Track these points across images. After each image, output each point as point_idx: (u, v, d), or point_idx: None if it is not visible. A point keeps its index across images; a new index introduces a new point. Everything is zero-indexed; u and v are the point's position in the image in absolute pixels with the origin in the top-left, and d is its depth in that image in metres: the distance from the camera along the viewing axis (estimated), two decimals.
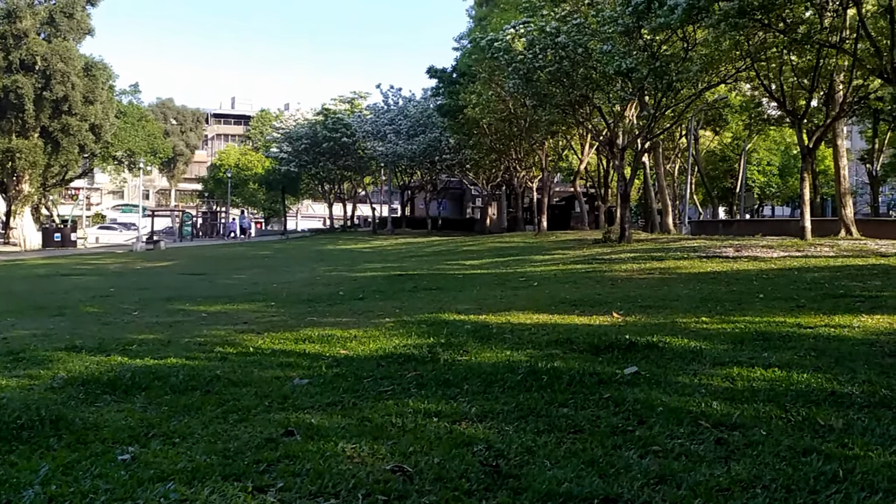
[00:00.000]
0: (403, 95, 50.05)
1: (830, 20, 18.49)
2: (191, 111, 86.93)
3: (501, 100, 32.46)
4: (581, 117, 26.41)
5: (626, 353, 5.95)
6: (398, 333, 7.52)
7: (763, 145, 46.53)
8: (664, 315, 8.50)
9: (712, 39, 19.13)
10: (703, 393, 4.57)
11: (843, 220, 21.74)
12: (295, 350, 6.81)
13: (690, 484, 3.08)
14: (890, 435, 3.59)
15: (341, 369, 5.74)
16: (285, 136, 53.35)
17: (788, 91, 22.48)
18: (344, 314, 10.13)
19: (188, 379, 5.41)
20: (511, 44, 23.32)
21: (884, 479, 3.03)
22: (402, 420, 4.17)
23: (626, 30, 20.37)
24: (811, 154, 22.71)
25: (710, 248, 18.54)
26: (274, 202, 66.68)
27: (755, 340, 6.42)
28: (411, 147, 44.12)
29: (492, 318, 8.57)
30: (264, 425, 4.16)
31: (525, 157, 40.11)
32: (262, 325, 9.08)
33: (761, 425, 3.84)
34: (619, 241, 23.05)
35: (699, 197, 47.04)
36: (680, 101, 24.15)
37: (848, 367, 5.17)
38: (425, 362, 5.92)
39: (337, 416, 4.35)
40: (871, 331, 6.74)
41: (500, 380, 5.11)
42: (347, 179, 56.42)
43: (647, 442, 3.65)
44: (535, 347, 6.45)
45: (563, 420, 4.10)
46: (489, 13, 36.17)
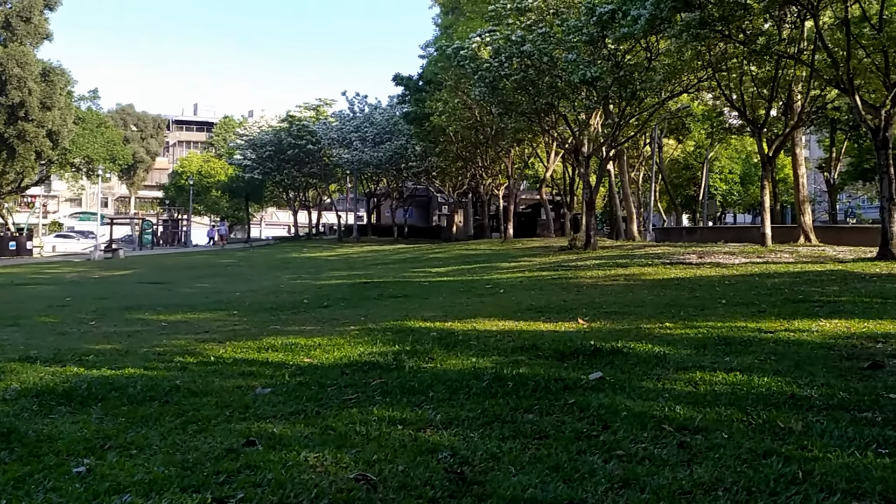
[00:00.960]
0: (369, 103, 49.97)
1: (789, 32, 18.93)
2: (151, 117, 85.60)
3: (468, 107, 32.57)
4: (547, 125, 26.62)
5: (591, 359, 5.97)
6: (363, 341, 7.46)
7: (725, 154, 47.40)
8: (629, 321, 8.56)
9: (675, 50, 19.43)
10: (666, 397, 4.60)
11: (802, 226, 22.23)
12: (257, 359, 6.70)
13: (654, 487, 3.09)
14: (848, 436, 3.65)
15: (305, 378, 5.66)
16: (249, 143, 52.86)
17: (749, 101, 22.93)
18: (308, 322, 10.02)
19: (146, 389, 5.28)
20: (477, 52, 23.45)
21: (842, 480, 3.07)
22: (367, 428, 4.13)
23: (590, 39, 20.60)
24: (771, 162, 23.19)
25: (673, 254, 18.80)
26: (237, 210, 66.01)
27: (717, 345, 6.49)
28: (377, 154, 44.00)
29: (458, 326, 8.55)
30: (225, 435, 4.08)
31: (491, 164, 40.28)
32: (224, 333, 8.93)
33: (723, 428, 3.88)
34: (584, 248, 23.24)
35: (663, 204, 47.72)
36: (644, 109, 24.48)
37: (807, 371, 5.25)
38: (390, 370, 5.87)
39: (300, 424, 4.29)
40: (830, 335, 6.86)
41: (466, 386, 5.08)
42: (312, 187, 56.10)
43: (611, 447, 3.66)
44: (500, 354, 6.44)
45: (529, 426, 4.09)
46: (455, 21, 36.30)
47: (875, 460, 3.29)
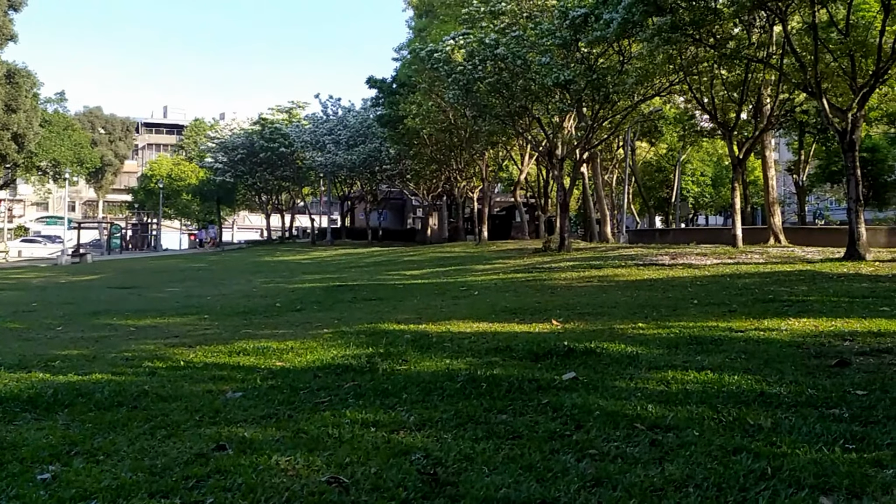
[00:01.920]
0: (343, 105, 49.72)
1: (758, 36, 19.22)
2: (120, 120, 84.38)
3: (442, 110, 32.60)
4: (521, 128, 26.74)
5: (565, 360, 5.99)
6: (336, 344, 7.41)
7: (696, 156, 47.93)
8: (602, 321, 8.61)
9: (647, 53, 19.63)
10: (639, 396, 4.63)
11: (772, 228, 22.55)
12: (228, 363, 6.63)
13: (626, 485, 3.10)
14: (815, 433, 3.69)
15: (277, 381, 5.61)
16: (221, 146, 52.34)
17: (719, 104, 23.23)
18: (281, 326, 9.94)
19: (114, 395, 5.21)
20: (451, 55, 23.50)
21: (810, 476, 3.11)
22: (339, 431, 4.10)
23: (563, 43, 20.74)
24: (741, 165, 23.51)
25: (646, 256, 18.97)
26: (208, 213, 65.25)
27: (689, 344, 6.55)
28: (351, 157, 43.83)
29: (432, 328, 8.53)
30: (194, 440, 4.03)
31: (465, 167, 40.35)
32: (195, 338, 8.83)
33: (694, 426, 3.91)
34: (558, 250, 23.37)
35: (636, 206, 48.15)
36: (617, 112, 24.70)
37: (776, 369, 5.31)
38: (364, 372, 5.84)
39: (271, 428, 4.24)
40: (798, 333, 6.96)
41: (440, 388, 5.07)
42: (285, 190, 55.72)
43: (584, 446, 3.67)
44: (474, 355, 6.44)
45: (502, 426, 4.09)
46: (429, 24, 36.36)
47: (842, 455, 3.34)
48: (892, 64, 16.02)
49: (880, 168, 37.78)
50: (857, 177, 15.90)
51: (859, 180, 16.01)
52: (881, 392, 4.47)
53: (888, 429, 3.72)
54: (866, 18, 18.19)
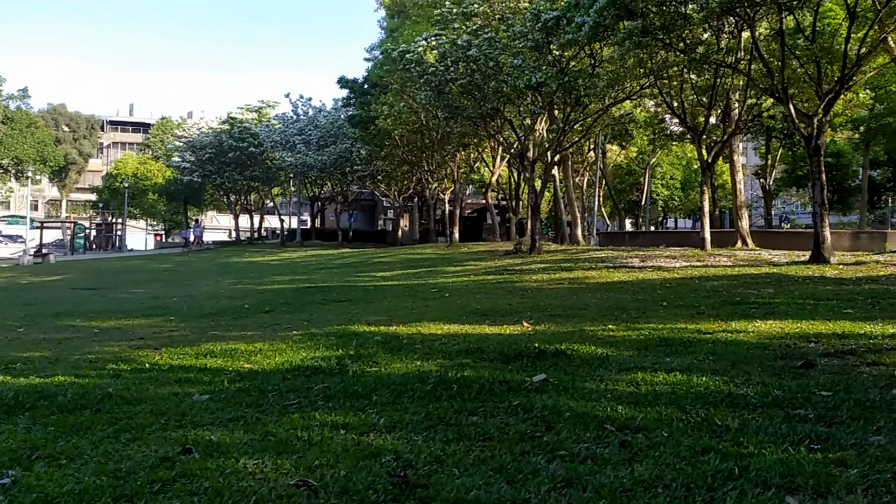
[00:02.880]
0: (313, 105, 49.49)
1: (727, 42, 19.49)
2: (85, 118, 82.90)
3: (413, 111, 32.55)
4: (492, 130, 26.80)
5: (536, 361, 6.00)
6: (306, 346, 7.35)
7: (666, 160, 48.50)
8: (573, 323, 8.66)
9: (618, 57, 19.80)
10: (608, 398, 4.65)
11: (740, 231, 22.88)
12: (195, 365, 6.54)
13: (595, 486, 3.11)
14: (782, 433, 3.74)
15: (245, 384, 5.54)
16: (188, 145, 51.69)
17: (689, 108, 23.50)
18: (249, 328, 9.84)
19: (77, 397, 5.11)
20: (423, 56, 23.46)
21: (776, 475, 3.14)
22: (308, 433, 4.06)
23: (535, 45, 20.84)
24: (710, 168, 23.83)
25: (617, 258, 19.12)
26: (175, 213, 64.36)
27: (658, 346, 6.60)
28: (321, 158, 43.57)
29: (402, 329, 8.50)
30: (160, 444, 3.97)
31: (437, 168, 40.34)
32: (160, 340, 8.70)
33: (663, 427, 3.93)
34: (529, 252, 23.46)
35: (607, 209, 48.58)
36: (588, 115, 24.87)
37: (743, 370, 5.37)
38: (333, 374, 5.80)
39: (239, 431, 4.19)
40: (765, 335, 7.06)
41: (410, 390, 5.05)
42: (255, 190, 55.20)
43: (554, 447, 3.67)
44: (445, 357, 6.42)
45: (473, 428, 4.08)
46: (401, 25, 36.30)
47: (808, 455, 3.38)
48: (856, 70, 16.36)
49: (845, 173, 38.61)
50: (822, 181, 16.19)
51: (824, 185, 16.31)
52: (845, 393, 4.54)
53: (852, 429, 3.78)
54: (832, 25, 18.57)
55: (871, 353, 5.89)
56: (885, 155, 37.42)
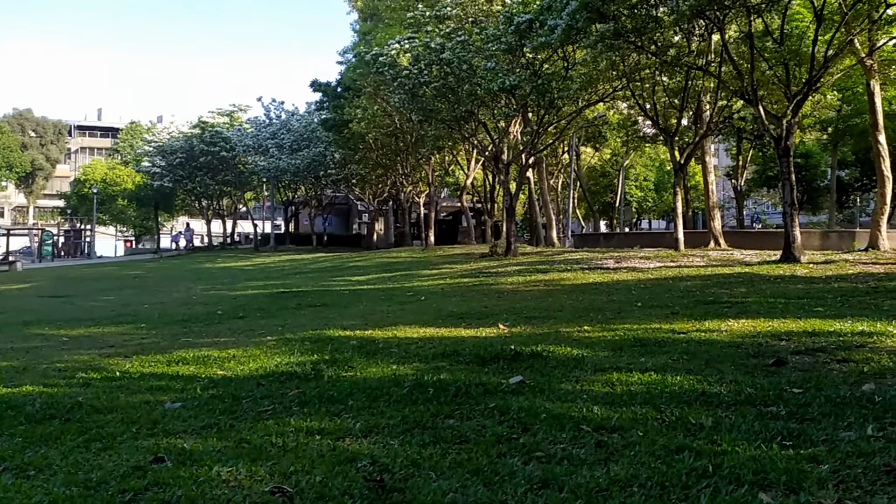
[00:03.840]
0: (286, 109, 49.08)
1: (697, 44, 19.73)
2: (52, 123, 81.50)
3: (387, 115, 32.49)
4: (467, 133, 26.83)
5: (512, 363, 6.01)
6: (280, 352, 7.29)
7: (640, 161, 48.96)
8: (548, 325, 8.68)
9: (591, 59, 19.93)
10: (584, 398, 4.66)
11: (712, 231, 23.14)
12: (167, 373, 6.45)
13: (572, 487, 3.11)
14: (754, 430, 3.77)
15: (218, 391, 5.49)
16: (158, 150, 51.00)
17: (661, 110, 23.73)
18: (222, 334, 9.74)
19: (46, 407, 5.03)
20: (396, 59, 23.41)
21: (749, 472, 3.16)
22: (283, 440, 4.03)
23: (509, 48, 20.90)
24: (682, 170, 24.07)
25: (591, 259, 19.24)
26: (146, 219, 63.47)
27: (633, 346, 6.64)
28: (295, 162, 43.30)
29: (378, 333, 8.47)
30: (131, 453, 3.92)
31: (412, 172, 40.30)
32: (131, 347, 8.58)
33: (638, 427, 3.95)
34: (505, 254, 23.51)
35: (581, 211, 48.88)
36: (562, 117, 24.99)
37: (717, 369, 5.42)
38: (309, 380, 5.75)
39: (212, 439, 4.15)
40: (737, 334, 7.13)
41: (386, 394, 5.04)
42: (227, 195, 54.63)
43: (530, 448, 3.67)
44: (421, 361, 6.41)
45: (449, 431, 4.07)
46: (374, 28, 36.19)
47: (780, 452, 3.42)
48: (824, 72, 16.63)
49: (814, 173, 39.31)
50: (792, 182, 16.43)
51: (794, 185, 16.55)
52: (816, 390, 4.60)
53: (823, 425, 3.83)
54: (800, 28, 18.89)
55: (841, 350, 5.98)
56: (852, 155, 38.17)
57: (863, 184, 40.96)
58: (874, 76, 18.71)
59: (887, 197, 19.07)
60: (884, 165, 18.71)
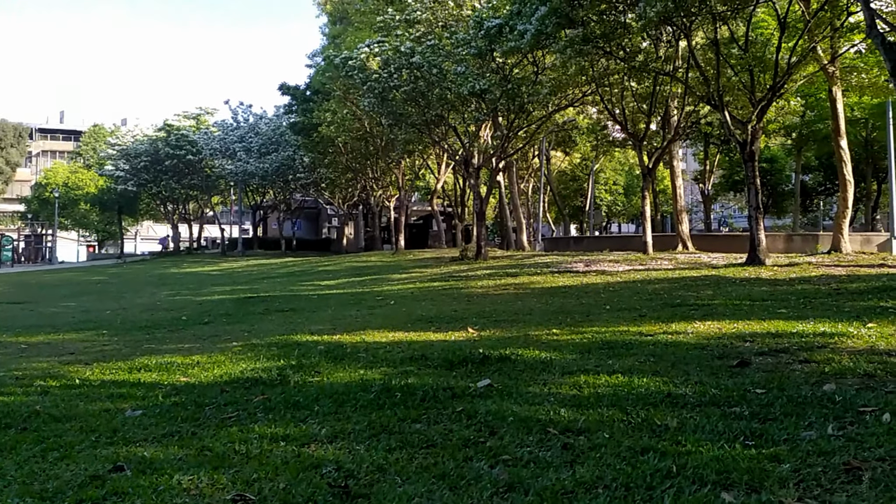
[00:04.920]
0: (254, 112, 48.74)
1: (665, 50, 20.00)
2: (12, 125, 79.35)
3: (357, 118, 32.39)
4: (437, 137, 26.84)
5: (480, 367, 6.00)
6: (246, 357, 7.19)
7: (609, 166, 49.40)
8: (517, 328, 8.69)
9: (560, 64, 20.07)
10: (552, 401, 4.67)
11: (680, 235, 23.44)
12: (128, 380, 6.33)
13: (538, 489, 3.11)
14: (718, 431, 3.80)
15: (180, 398, 5.40)
16: (122, 153, 50.24)
17: (630, 115, 24.00)
18: (186, 340, 9.60)
19: (2, 416, 4.93)
20: (366, 62, 23.35)
21: (712, 472, 3.19)
22: (247, 447, 3.97)
23: (479, 52, 20.97)
24: (651, 174, 24.37)
25: (561, 263, 19.35)
26: (109, 224, 62.34)
27: (601, 349, 6.67)
28: (263, 165, 42.96)
29: (346, 338, 8.41)
30: (89, 462, 3.84)
31: (382, 176, 40.20)
32: (92, 354, 8.43)
33: (605, 429, 3.96)
34: (475, 258, 23.55)
35: (552, 215, 49.16)
36: (532, 122, 25.14)
37: (682, 371, 5.47)
38: (274, 385, 5.69)
39: (173, 447, 4.07)
40: (703, 336, 7.21)
41: (353, 399, 4.99)
42: (193, 199, 53.98)
43: (497, 452, 3.66)
44: (389, 365, 6.37)
45: (416, 435, 4.04)
46: (343, 31, 36.08)
47: (742, 452, 3.45)
48: (787, 79, 16.96)
49: (779, 177, 40.03)
50: (757, 186, 16.70)
51: (759, 189, 16.82)
52: (778, 390, 4.65)
53: (785, 425, 3.87)
54: (764, 35, 19.23)
55: (804, 350, 6.07)
56: (815, 160, 38.93)
57: (826, 188, 41.79)
58: (836, 83, 19.12)
59: (849, 201, 19.49)
60: (845, 170, 19.11)
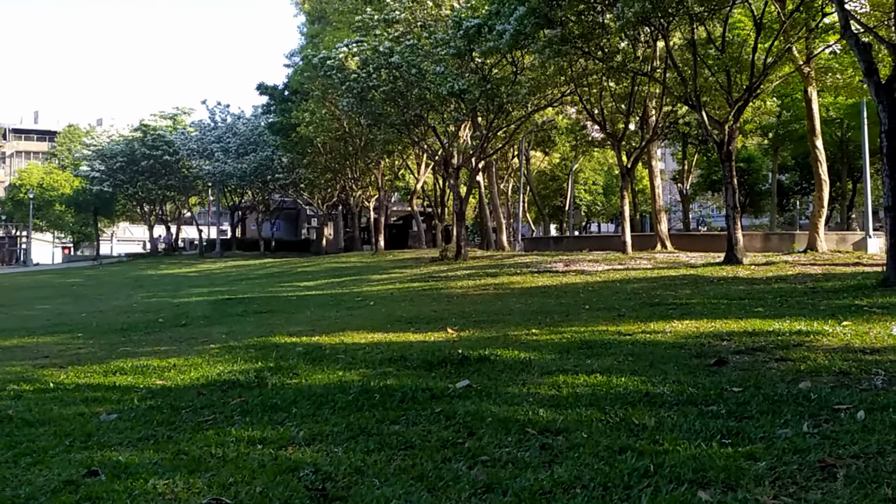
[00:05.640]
0: (232, 112, 48.32)
1: (643, 51, 20.13)
2: None
3: (336, 118, 32.24)
4: (416, 137, 26.79)
5: (459, 368, 5.99)
6: (223, 360, 7.14)
7: (588, 165, 49.61)
8: (497, 329, 8.70)
9: (539, 65, 20.12)
10: (530, 401, 4.67)
11: (659, 234, 23.60)
12: (103, 383, 6.26)
13: (516, 490, 3.11)
14: (695, 429, 3.83)
15: (156, 401, 5.35)
16: (98, 154, 49.56)
17: (608, 115, 24.13)
18: (163, 342, 9.51)
19: None
20: (344, 62, 23.24)
21: (689, 471, 3.21)
22: (223, 450, 3.94)
23: (458, 52, 20.96)
24: (630, 174, 24.52)
25: (541, 263, 19.41)
26: (85, 225, 61.49)
27: (580, 349, 6.70)
28: (241, 166, 42.62)
29: (325, 340, 8.37)
30: (63, 467, 3.79)
31: (361, 176, 40.06)
32: (67, 358, 8.31)
33: (583, 428, 3.97)
34: (455, 258, 23.54)
35: (532, 215, 49.30)
36: (511, 122, 25.17)
37: (660, 370, 5.50)
38: (252, 388, 5.64)
39: (149, 451, 4.03)
40: (681, 335, 7.26)
41: (331, 401, 4.97)
42: (170, 200, 53.41)
43: (476, 453, 3.66)
44: (368, 366, 6.35)
45: (395, 437, 4.03)
46: (322, 31, 35.87)
47: (719, 450, 3.47)
48: (763, 79, 17.16)
49: (756, 177, 40.42)
50: (734, 185, 16.87)
51: (736, 189, 16.99)
52: (755, 388, 4.70)
53: (761, 423, 3.91)
54: (741, 36, 19.43)
55: (780, 349, 6.14)
56: (792, 160, 39.38)
57: (802, 187, 42.28)
58: (811, 83, 19.37)
59: (825, 200, 19.74)
60: (821, 169, 19.36)
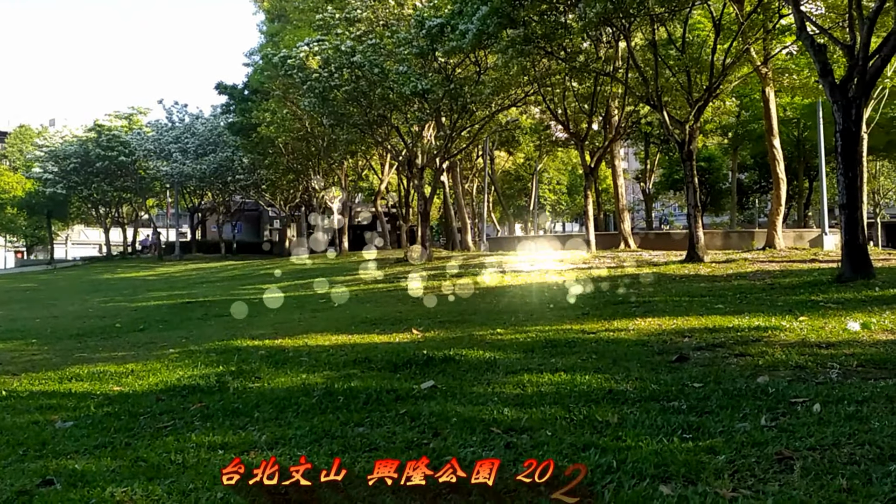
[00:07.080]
0: (190, 112, 47.47)
1: (605, 51, 20.32)
2: None
3: (297, 118, 31.91)
4: (380, 137, 26.67)
5: (424, 368, 5.98)
6: (183, 364, 7.02)
7: (552, 165, 49.96)
8: (462, 329, 8.70)
9: (502, 64, 20.18)
10: (495, 401, 4.67)
11: (622, 233, 23.86)
12: (59, 390, 6.10)
13: (480, 489, 3.07)
14: (657, 425, 3.87)
15: (113, 408, 5.23)
16: (51, 155, 48.26)
17: (572, 115, 24.32)
18: (121, 348, 9.32)
19: None
20: (305, 61, 23.00)
21: (651, 466, 3.24)
22: (183, 456, 3.88)
23: (420, 52, 20.92)
24: (593, 173, 24.75)
25: (506, 262, 19.48)
26: (38, 228, 59.92)
27: (545, 348, 6.73)
28: (200, 167, 41.93)
29: (288, 342, 8.28)
30: (16, 476, 3.70)
31: (324, 176, 39.75)
32: (20, 365, 8.09)
33: (547, 427, 3.98)
34: (420, 259, 23.49)
35: (497, 215, 49.46)
36: (475, 122, 25.20)
37: (623, 367, 5.55)
38: (212, 392, 5.56)
39: (106, 458, 3.94)
40: (644, 332, 7.34)
41: (294, 404, 4.93)
42: (127, 202, 52.33)
43: (440, 453, 3.64)
44: (332, 369, 6.29)
45: (359, 439, 4.01)
46: (282, 29, 35.45)
47: (680, 445, 3.51)
48: (723, 79, 17.47)
49: (716, 176, 41.09)
50: (695, 184, 17.14)
51: (697, 188, 17.26)
52: (715, 384, 4.77)
53: (721, 417, 3.96)
54: (701, 37, 19.76)
55: (739, 344, 6.25)
56: (751, 159, 40.15)
57: (761, 186, 43.11)
58: (769, 83, 19.77)
59: (782, 198, 20.18)
60: (779, 168, 19.78)
